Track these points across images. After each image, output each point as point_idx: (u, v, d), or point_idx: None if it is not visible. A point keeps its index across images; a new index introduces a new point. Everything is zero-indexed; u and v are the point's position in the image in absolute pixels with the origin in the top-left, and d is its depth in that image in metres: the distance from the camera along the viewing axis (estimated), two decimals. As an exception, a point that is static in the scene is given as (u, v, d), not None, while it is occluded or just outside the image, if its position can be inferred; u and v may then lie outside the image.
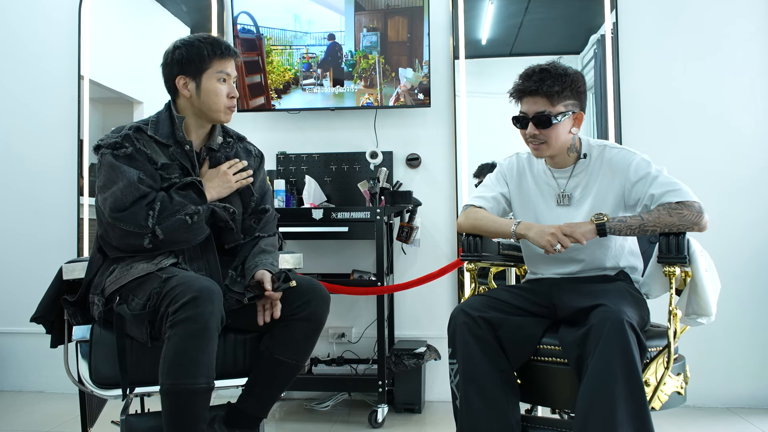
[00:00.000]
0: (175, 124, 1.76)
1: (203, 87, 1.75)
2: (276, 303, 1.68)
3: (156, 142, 1.73)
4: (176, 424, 1.48)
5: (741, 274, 2.79)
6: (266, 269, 1.71)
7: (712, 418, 2.67)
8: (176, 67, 1.75)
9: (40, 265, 3.08)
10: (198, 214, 1.68)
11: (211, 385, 1.50)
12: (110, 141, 1.69)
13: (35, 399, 3.05)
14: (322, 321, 1.74)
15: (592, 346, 1.47)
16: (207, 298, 1.49)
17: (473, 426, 1.59)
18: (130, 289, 1.61)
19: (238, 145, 1.92)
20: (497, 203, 1.88)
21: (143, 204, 1.63)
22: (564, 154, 1.79)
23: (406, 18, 2.92)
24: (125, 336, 1.61)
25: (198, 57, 1.73)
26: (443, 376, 2.86)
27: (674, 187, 1.64)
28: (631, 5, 2.92)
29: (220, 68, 1.75)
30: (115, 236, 1.64)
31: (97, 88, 3.20)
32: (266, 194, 1.95)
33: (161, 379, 1.48)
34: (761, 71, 2.85)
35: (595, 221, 1.65)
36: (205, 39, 1.76)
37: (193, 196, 1.72)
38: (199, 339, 1.47)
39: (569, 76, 1.71)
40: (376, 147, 3.02)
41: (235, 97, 1.80)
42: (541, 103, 1.70)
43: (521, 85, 1.73)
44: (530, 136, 1.73)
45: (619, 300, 1.56)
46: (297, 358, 1.72)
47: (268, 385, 1.71)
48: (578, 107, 1.74)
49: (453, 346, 1.66)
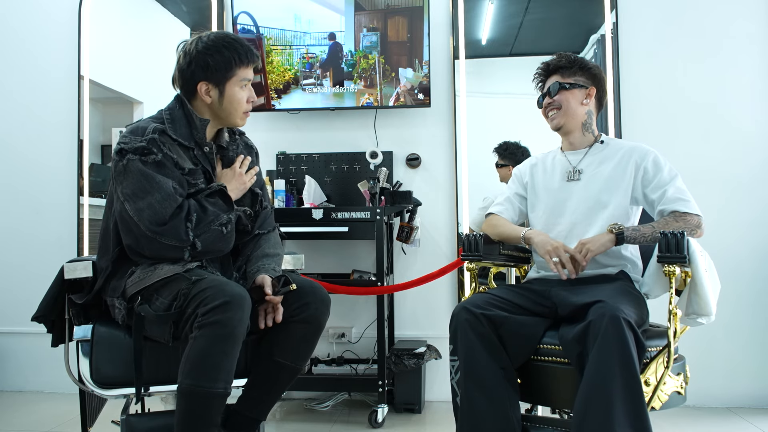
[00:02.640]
0: (193, 124, 1.72)
1: (226, 94, 1.72)
2: (277, 307, 1.67)
3: (179, 145, 1.69)
4: (189, 425, 1.48)
5: (741, 273, 2.79)
6: (267, 274, 1.70)
7: (712, 418, 2.67)
8: (200, 73, 1.69)
9: (40, 265, 3.09)
10: (230, 223, 1.68)
11: (228, 391, 1.50)
12: (136, 145, 1.61)
13: (35, 399, 3.05)
14: (322, 323, 1.73)
15: (591, 342, 1.47)
16: (238, 305, 1.49)
17: (474, 423, 1.59)
18: (154, 289, 1.59)
19: (239, 141, 1.90)
20: (511, 204, 2.04)
21: (182, 216, 1.59)
22: (579, 130, 1.94)
23: (406, 18, 2.92)
24: (143, 337, 1.61)
25: (225, 66, 1.69)
26: (443, 375, 2.86)
27: (685, 197, 1.78)
28: (631, 5, 2.93)
29: (243, 76, 1.73)
30: (152, 248, 1.60)
31: (97, 88, 3.20)
32: (262, 189, 1.92)
33: (181, 377, 1.47)
34: (761, 70, 2.85)
35: (615, 232, 1.73)
36: (230, 45, 1.71)
37: (222, 204, 1.70)
38: (225, 344, 1.47)
39: (579, 58, 1.95)
40: (376, 147, 3.02)
41: (253, 101, 1.78)
42: (555, 78, 1.94)
43: (540, 67, 1.99)
44: (546, 105, 1.94)
45: (617, 297, 1.58)
46: (296, 360, 1.71)
47: (267, 387, 1.70)
48: (590, 84, 1.93)
49: (454, 343, 1.67)
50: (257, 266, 1.74)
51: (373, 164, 2.94)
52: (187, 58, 1.71)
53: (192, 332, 1.49)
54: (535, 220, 1.98)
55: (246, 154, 1.86)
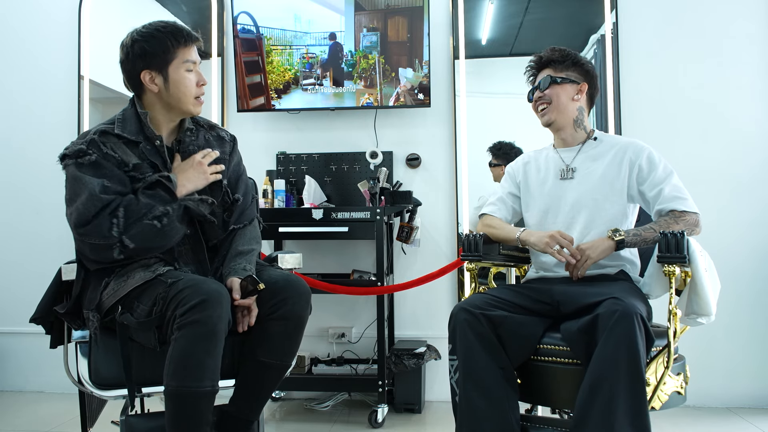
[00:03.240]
0: (142, 119, 1.69)
1: (171, 79, 1.68)
2: (251, 309, 1.63)
3: (125, 142, 1.66)
4: (179, 426, 1.47)
5: (741, 273, 2.79)
6: (236, 276, 1.65)
7: (712, 418, 2.67)
8: (139, 62, 1.67)
9: (40, 265, 3.08)
10: (167, 215, 1.60)
11: (216, 389, 1.48)
12: (75, 149, 1.62)
13: (35, 399, 3.06)
14: (302, 318, 1.67)
15: (600, 334, 1.47)
16: (215, 302, 1.47)
17: (473, 423, 1.59)
18: (133, 297, 1.57)
19: (209, 134, 1.84)
20: (504, 204, 2.02)
21: (106, 214, 1.56)
22: (571, 126, 1.91)
23: (406, 18, 2.92)
24: (129, 342, 1.59)
25: (162, 48, 1.65)
26: (443, 376, 2.86)
27: (682, 195, 1.75)
28: (631, 5, 2.92)
29: (185, 57, 1.68)
30: (86, 250, 1.59)
31: (97, 88, 3.20)
32: (239, 180, 1.85)
33: (166, 380, 1.46)
34: (761, 70, 2.85)
35: (615, 239, 1.71)
36: (164, 28, 1.68)
37: (162, 194, 1.63)
38: (207, 342, 1.46)
39: (572, 52, 1.91)
40: (376, 147, 3.02)
41: (204, 85, 1.73)
42: (547, 72, 1.91)
43: (532, 59, 1.97)
44: (537, 99, 1.92)
45: (628, 294, 1.58)
46: (281, 358, 1.66)
47: (255, 387, 1.67)
48: (582, 80, 1.90)
49: (453, 343, 1.66)
50: (229, 268, 1.69)
51: (373, 164, 2.94)
52: (124, 50, 1.70)
53: (173, 334, 1.47)
54: (529, 219, 1.97)
55: (217, 147, 1.81)
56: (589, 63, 1.93)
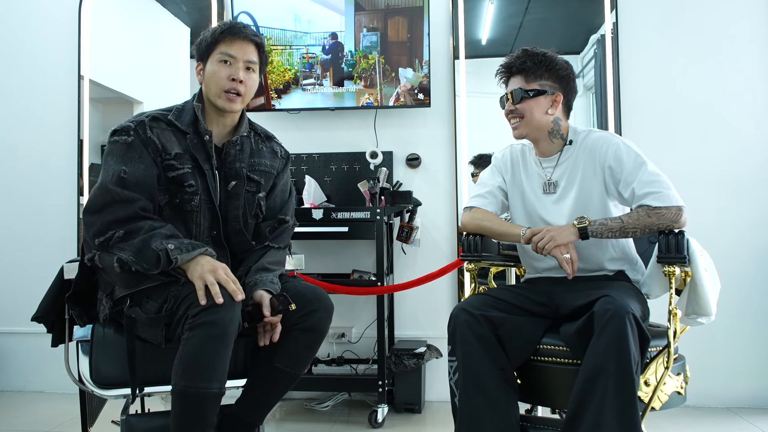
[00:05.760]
0: (197, 113, 1.69)
1: (206, 71, 1.69)
2: (276, 326, 1.62)
3: (175, 130, 1.66)
4: (185, 426, 1.47)
5: (741, 273, 2.79)
6: (266, 289, 1.63)
7: (712, 418, 2.67)
8: (196, 55, 1.72)
9: (40, 265, 3.08)
10: (127, 266, 1.50)
11: (222, 391, 1.48)
12: (122, 125, 1.62)
13: (35, 399, 3.05)
14: (324, 331, 1.69)
15: (594, 332, 1.47)
16: (228, 304, 1.47)
17: (473, 423, 1.59)
18: (143, 292, 1.57)
19: (264, 144, 1.82)
20: (494, 197, 1.91)
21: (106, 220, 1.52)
22: (546, 138, 1.82)
23: (406, 18, 2.92)
24: (135, 338, 1.60)
25: (208, 40, 1.68)
26: (443, 376, 2.86)
27: (656, 189, 1.64)
28: (631, 5, 2.92)
29: (223, 49, 1.66)
30: (88, 236, 1.57)
31: (97, 88, 3.19)
32: (288, 202, 1.84)
33: (174, 379, 1.46)
34: (761, 71, 2.85)
35: (577, 225, 1.67)
36: (222, 24, 1.70)
37: (151, 258, 1.50)
38: (218, 344, 1.45)
39: (546, 57, 1.78)
40: (376, 147, 3.02)
41: (236, 80, 1.66)
42: (518, 81, 1.80)
43: (503, 65, 1.85)
44: (508, 112, 1.82)
45: (623, 294, 1.57)
46: (296, 367, 1.68)
47: (265, 391, 1.68)
48: (557, 90, 1.78)
49: (453, 344, 1.66)
50: (255, 279, 1.66)
51: (373, 164, 2.94)
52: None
53: (184, 333, 1.47)
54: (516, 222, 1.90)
55: (267, 159, 1.79)
56: (565, 66, 1.80)
